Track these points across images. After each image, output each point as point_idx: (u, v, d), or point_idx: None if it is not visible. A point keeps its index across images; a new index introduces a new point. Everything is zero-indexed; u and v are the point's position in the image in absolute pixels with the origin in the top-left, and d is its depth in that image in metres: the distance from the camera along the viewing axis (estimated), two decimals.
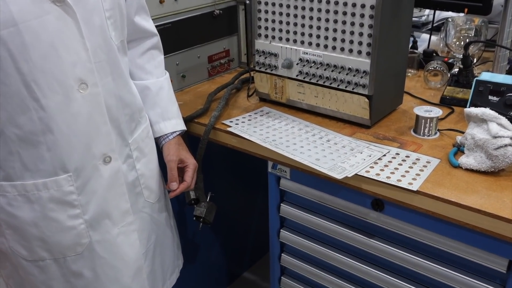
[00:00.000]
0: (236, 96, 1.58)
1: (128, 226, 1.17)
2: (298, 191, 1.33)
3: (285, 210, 1.39)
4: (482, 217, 1.02)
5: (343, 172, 1.15)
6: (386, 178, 1.12)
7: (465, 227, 1.05)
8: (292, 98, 1.46)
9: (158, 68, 1.28)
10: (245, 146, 1.34)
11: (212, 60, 1.71)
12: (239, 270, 2.17)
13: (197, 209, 1.50)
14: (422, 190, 1.07)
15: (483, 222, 1.02)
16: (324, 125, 1.38)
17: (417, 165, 1.16)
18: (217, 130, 1.38)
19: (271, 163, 1.33)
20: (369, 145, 1.26)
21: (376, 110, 1.34)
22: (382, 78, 1.32)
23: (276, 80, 1.46)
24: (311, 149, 1.25)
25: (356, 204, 1.23)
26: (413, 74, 1.71)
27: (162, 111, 1.27)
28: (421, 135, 1.30)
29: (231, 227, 1.99)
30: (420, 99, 1.52)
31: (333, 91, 1.36)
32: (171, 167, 1.24)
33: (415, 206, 1.09)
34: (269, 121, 1.40)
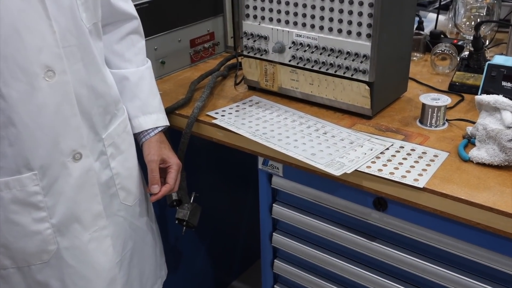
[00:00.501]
0: (222, 85, 1.58)
1: (101, 231, 1.16)
2: (292, 190, 1.33)
3: (277, 211, 1.39)
4: (495, 216, 1.02)
5: (342, 168, 1.15)
6: (389, 174, 1.12)
7: (477, 227, 1.06)
8: (284, 86, 1.46)
9: (139, 56, 1.28)
10: (233, 140, 1.34)
11: (194, 44, 1.70)
12: (228, 279, 2.18)
13: (179, 212, 1.50)
14: (429, 187, 1.08)
15: (496, 222, 1.03)
16: (321, 116, 1.38)
17: (423, 159, 1.17)
18: (200, 123, 1.38)
19: (261, 159, 1.33)
20: (370, 137, 1.26)
21: (378, 98, 1.34)
22: (385, 63, 1.32)
23: (266, 66, 1.46)
24: (306, 142, 1.25)
25: (356, 204, 1.23)
26: (418, 58, 1.72)
27: (142, 104, 1.27)
28: (427, 126, 1.30)
29: (218, 231, 1.99)
30: (427, 86, 1.52)
31: (330, 78, 1.36)
32: (152, 168, 1.24)
33: (422, 204, 1.10)
34: (259, 112, 1.40)
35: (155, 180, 1.24)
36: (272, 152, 1.26)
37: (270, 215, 1.41)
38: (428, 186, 1.08)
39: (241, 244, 2.16)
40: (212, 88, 1.49)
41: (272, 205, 1.39)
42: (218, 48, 1.79)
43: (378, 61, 1.28)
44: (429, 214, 1.11)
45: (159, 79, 1.62)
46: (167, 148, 1.28)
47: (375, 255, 1.25)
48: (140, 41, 1.29)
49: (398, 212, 1.17)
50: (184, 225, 1.51)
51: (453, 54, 1.59)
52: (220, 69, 1.63)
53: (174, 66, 1.66)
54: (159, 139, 1.28)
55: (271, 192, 1.38)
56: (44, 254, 1.11)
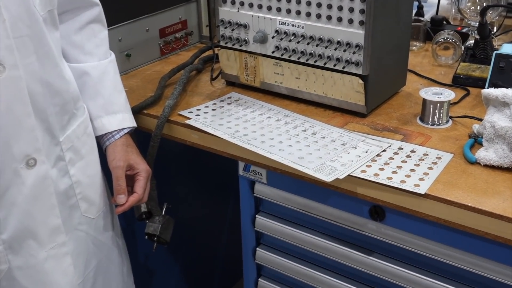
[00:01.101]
0: (197, 80, 1.58)
1: (59, 248, 1.15)
2: (278, 199, 1.34)
3: (261, 223, 1.39)
4: (506, 225, 1.04)
5: (333, 173, 1.16)
6: (386, 180, 1.13)
7: (485, 237, 1.07)
8: (267, 81, 1.46)
9: (101, 48, 1.28)
10: (209, 143, 1.34)
11: (164, 34, 1.70)
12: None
13: (149, 226, 1.49)
14: (431, 193, 1.09)
15: (507, 231, 1.04)
16: (309, 114, 1.39)
17: (425, 162, 1.18)
18: (172, 124, 1.38)
19: (242, 164, 1.34)
20: (365, 138, 1.27)
21: (373, 94, 1.35)
22: (380, 54, 1.33)
23: (246, 58, 1.46)
24: (293, 145, 1.26)
25: (350, 213, 1.24)
26: (418, 48, 1.74)
27: (106, 103, 1.26)
28: (429, 124, 1.32)
29: (194, 247, 1.99)
30: (428, 79, 1.54)
31: (318, 71, 1.37)
32: (118, 176, 1.24)
33: (423, 213, 1.11)
34: (239, 111, 1.40)
35: (121, 189, 1.24)
36: (254, 156, 1.27)
37: (253, 228, 1.41)
38: (430, 192, 1.09)
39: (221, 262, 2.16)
40: (185, 84, 1.49)
41: (255, 216, 1.40)
42: (192, 38, 1.79)
43: (373, 51, 1.30)
44: (432, 224, 1.12)
45: (125, 74, 1.62)
46: (134, 152, 1.28)
47: (372, 271, 1.26)
48: (102, 31, 1.28)
49: (397, 222, 1.18)
50: (155, 241, 1.51)
51: (457, 43, 1.61)
52: (194, 62, 1.63)
53: (142, 59, 1.66)
54: (125, 143, 1.27)
55: (253, 202, 1.39)
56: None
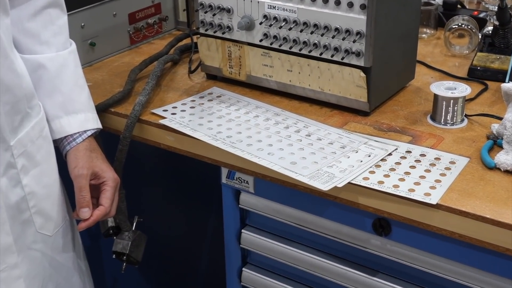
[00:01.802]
0: (172, 73, 1.58)
1: (10, 270, 1.15)
2: (267, 211, 1.33)
3: (248, 239, 1.39)
4: None
5: (331, 180, 1.16)
6: (392, 188, 1.13)
7: (506, 254, 1.07)
8: (254, 74, 1.46)
9: (59, 36, 1.27)
10: (187, 146, 1.34)
11: (135, 19, 1.70)
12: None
13: (117, 243, 1.49)
14: (444, 204, 1.09)
15: None
16: (303, 112, 1.39)
17: (436, 168, 1.18)
18: (144, 124, 1.38)
19: (225, 170, 1.33)
20: (367, 140, 1.27)
21: (377, 88, 1.36)
22: (385, 42, 1.33)
23: (230, 47, 1.46)
24: (284, 148, 1.26)
25: (350, 227, 1.24)
26: (429, 36, 1.74)
27: (65, 101, 1.26)
28: (441, 123, 1.32)
29: (170, 268, 1.98)
30: (440, 72, 1.54)
31: (314, 62, 1.37)
32: (81, 186, 1.23)
33: (435, 226, 1.11)
34: (222, 109, 1.40)
35: (84, 201, 1.23)
36: (240, 161, 1.26)
37: (238, 245, 1.41)
38: (443, 202, 1.10)
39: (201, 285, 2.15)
40: (158, 78, 1.49)
41: (241, 231, 1.39)
42: (167, 24, 1.78)
43: (376, 40, 1.30)
44: (445, 239, 1.13)
45: (88, 66, 1.61)
46: (99, 158, 1.27)
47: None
48: (61, 17, 1.28)
49: (404, 237, 1.18)
50: (124, 261, 1.50)
51: (473, 30, 1.62)
52: (170, 52, 1.63)
53: (108, 49, 1.65)
54: (88, 147, 1.27)
55: (239, 214, 1.38)
56: None
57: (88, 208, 1.23)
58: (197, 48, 1.54)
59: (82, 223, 1.24)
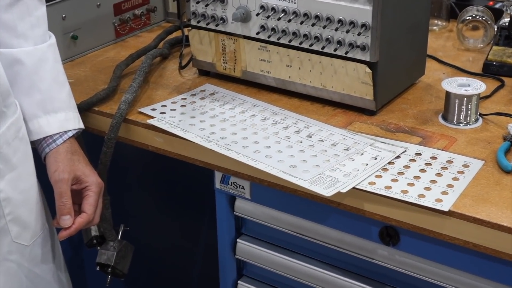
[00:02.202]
0: (161, 69, 1.58)
1: None
2: (264, 218, 1.34)
3: (243, 250, 1.39)
4: None
5: (334, 185, 1.16)
6: (401, 194, 1.13)
7: None
8: (251, 70, 1.46)
9: (37, 28, 1.27)
10: (177, 148, 1.34)
11: (120, 10, 1.69)
12: None
13: (102, 254, 1.49)
14: (457, 211, 1.09)
15: None
16: (303, 111, 1.39)
17: (448, 171, 1.18)
18: (131, 124, 1.38)
19: (219, 174, 1.33)
20: (373, 141, 1.27)
21: (384, 85, 1.36)
22: (392, 35, 1.33)
23: (224, 41, 1.46)
24: (283, 150, 1.26)
25: (355, 236, 1.24)
26: (440, 28, 1.74)
27: (44, 98, 1.26)
28: (454, 123, 1.32)
29: (159, 281, 1.98)
30: (452, 67, 1.55)
31: (315, 57, 1.37)
32: (61, 191, 1.23)
33: (447, 235, 1.11)
34: (215, 107, 1.40)
35: (65, 208, 1.23)
36: (235, 165, 1.26)
37: (233, 255, 1.41)
38: (456, 209, 1.10)
39: None
40: (146, 74, 1.49)
41: (236, 241, 1.39)
42: (155, 16, 1.78)
43: (383, 32, 1.30)
44: (458, 249, 1.13)
45: (70, 61, 1.61)
46: (82, 161, 1.27)
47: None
48: (39, 8, 1.28)
49: (414, 246, 1.18)
50: (109, 273, 1.50)
51: (488, 22, 1.62)
52: (159, 46, 1.63)
53: (92, 42, 1.66)
54: (69, 149, 1.26)
55: (233, 222, 1.38)
56: None
57: (69, 215, 1.23)
58: (188, 42, 1.54)
59: (63, 232, 1.24)
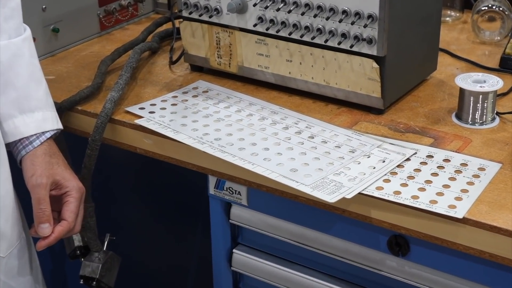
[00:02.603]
0: (150, 64, 1.58)
1: None
2: (262, 227, 1.34)
3: (240, 261, 1.39)
4: None
5: (338, 190, 1.16)
6: (411, 199, 1.13)
7: None
8: (247, 65, 1.46)
9: (11, 21, 1.26)
10: (168, 151, 1.34)
11: (105, 0, 1.69)
12: None
13: (86, 266, 1.49)
14: (472, 218, 1.09)
15: None
16: (305, 110, 1.39)
17: (463, 175, 1.18)
18: (117, 124, 1.38)
19: (213, 179, 1.33)
20: (381, 142, 1.27)
21: (393, 82, 1.36)
22: (401, 27, 1.33)
23: (219, 34, 1.46)
24: (283, 152, 1.26)
25: (362, 246, 1.24)
26: (454, 19, 1.74)
27: (20, 97, 1.25)
28: (469, 122, 1.32)
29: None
30: (467, 62, 1.55)
31: (318, 51, 1.37)
32: (39, 197, 1.23)
33: (461, 244, 1.11)
34: (209, 106, 1.40)
35: (44, 215, 1.23)
36: (230, 169, 1.26)
37: (228, 267, 1.41)
38: (471, 216, 1.10)
39: None
40: (134, 70, 1.49)
41: (232, 251, 1.39)
42: (143, 6, 1.78)
43: (391, 24, 1.30)
44: (473, 259, 1.12)
45: (50, 56, 1.61)
46: (61, 164, 1.27)
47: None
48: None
49: (425, 257, 1.18)
50: (94, 286, 1.50)
51: (506, 13, 1.62)
52: (147, 39, 1.63)
53: (74, 35, 1.66)
54: (48, 151, 1.26)
55: (229, 231, 1.38)
56: None
57: (48, 223, 1.23)
58: (179, 35, 1.54)
59: (42, 241, 1.23)
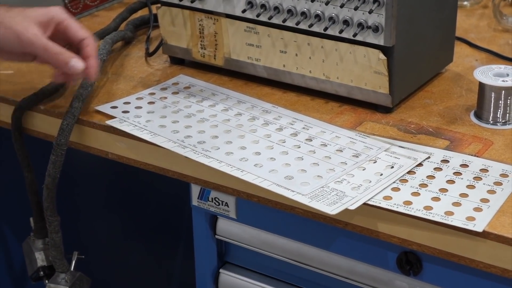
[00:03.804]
0: (124, 56, 1.58)
1: None
2: (253, 243, 1.34)
3: (228, 282, 1.39)
4: None
5: (340, 201, 1.16)
6: (424, 211, 1.14)
7: None
8: (235, 57, 1.46)
9: None
10: (144, 156, 1.34)
11: None
12: None
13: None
14: (493, 231, 1.09)
15: None
16: (301, 109, 1.39)
17: (482, 182, 1.18)
18: (86, 126, 1.38)
19: (197, 188, 1.34)
20: (389, 145, 1.28)
21: (403, 76, 1.36)
22: (412, 13, 1.34)
23: (202, 21, 1.47)
24: (276, 157, 1.26)
25: (368, 264, 1.24)
26: (472, 4, 1.75)
27: None
28: (490, 122, 1.33)
29: None
30: (487, 52, 1.55)
31: (316, 40, 1.38)
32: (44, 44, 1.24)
33: (481, 262, 1.11)
34: (191, 104, 1.40)
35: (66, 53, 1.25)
36: (216, 176, 1.27)
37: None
38: (491, 229, 1.10)
39: None
40: (105, 63, 1.49)
41: (219, 271, 1.40)
42: None
43: (401, 9, 1.30)
44: (494, 279, 1.13)
45: None
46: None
47: None
48: None
49: (439, 276, 1.18)
50: None
51: None
52: (120, 27, 1.63)
53: None
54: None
55: (215, 248, 1.39)
56: None
57: (77, 58, 1.25)
58: (157, 22, 1.54)
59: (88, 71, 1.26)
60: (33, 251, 1.53)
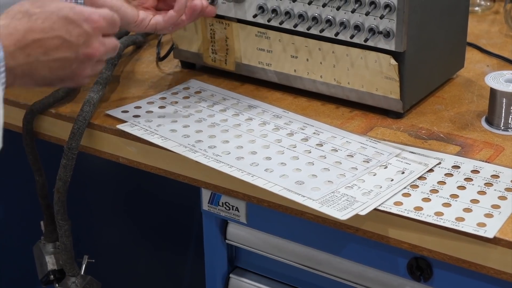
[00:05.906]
0: (135, 61, 1.59)
1: None
2: (263, 248, 1.34)
3: (238, 287, 1.39)
4: None
5: (351, 206, 1.16)
6: (434, 216, 1.13)
7: None
8: (246, 62, 1.47)
9: None
10: (155, 160, 1.34)
11: None
12: None
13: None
14: (504, 238, 1.09)
15: None
16: (312, 114, 1.39)
17: (494, 188, 1.18)
18: (97, 130, 1.38)
19: (207, 192, 1.34)
20: (400, 151, 1.28)
21: (414, 81, 1.36)
22: (423, 18, 1.34)
23: (214, 26, 1.47)
24: (287, 162, 1.26)
25: (378, 270, 1.24)
26: (484, 9, 1.74)
27: None
28: (501, 128, 1.32)
29: None
30: (499, 58, 1.55)
31: (327, 45, 1.38)
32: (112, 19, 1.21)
33: (492, 268, 1.11)
34: (202, 109, 1.41)
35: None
36: (227, 181, 1.27)
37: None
38: (503, 235, 1.09)
39: None
40: (115, 67, 1.49)
41: (229, 276, 1.40)
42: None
43: (412, 14, 1.30)
44: (505, 286, 1.12)
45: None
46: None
47: None
48: None
49: (450, 282, 1.18)
50: None
51: None
52: (130, 33, 1.63)
53: None
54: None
55: (226, 253, 1.39)
56: None
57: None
58: None
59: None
60: (43, 254, 1.53)
